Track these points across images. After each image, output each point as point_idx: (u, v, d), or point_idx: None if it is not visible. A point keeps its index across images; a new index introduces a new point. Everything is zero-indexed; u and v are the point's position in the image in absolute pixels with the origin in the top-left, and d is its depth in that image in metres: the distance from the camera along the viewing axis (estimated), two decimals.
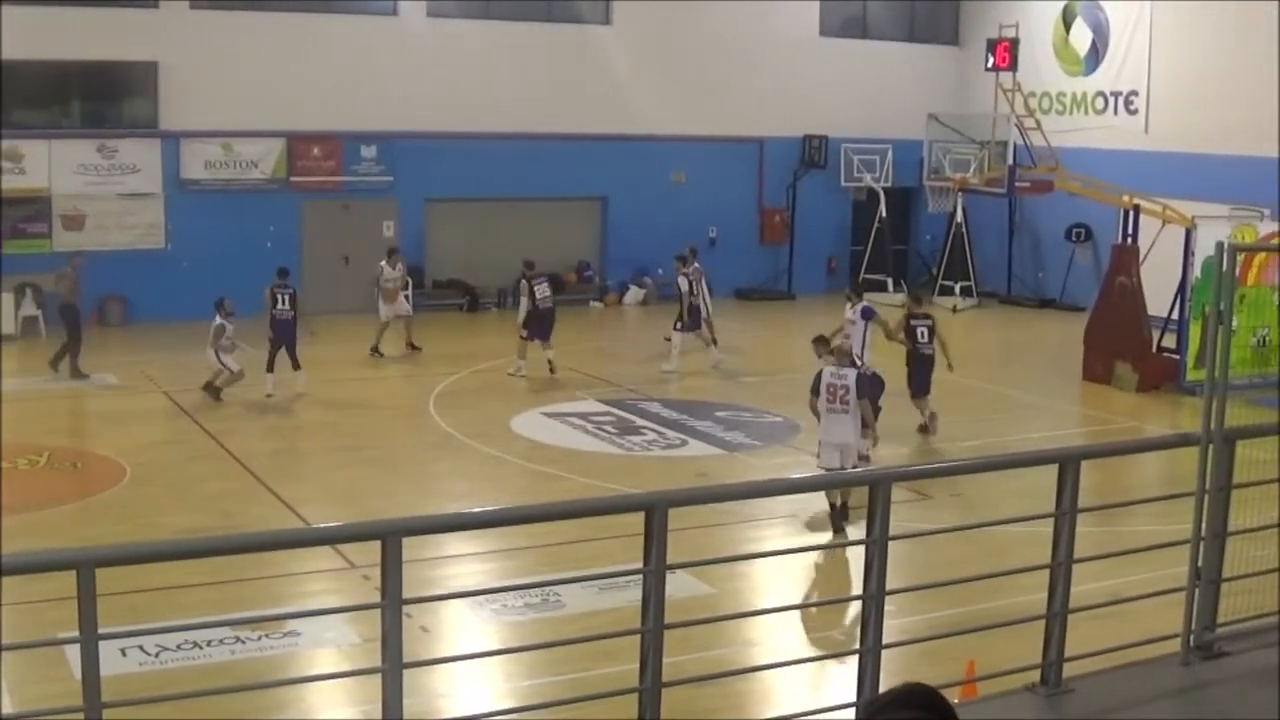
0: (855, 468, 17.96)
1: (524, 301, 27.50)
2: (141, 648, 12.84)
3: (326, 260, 33.71)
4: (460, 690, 12.24)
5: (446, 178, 34.47)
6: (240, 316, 23.99)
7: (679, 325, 27.91)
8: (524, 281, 27.58)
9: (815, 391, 17.90)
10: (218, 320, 24.19)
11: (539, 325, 27.08)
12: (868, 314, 23.85)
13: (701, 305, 28.48)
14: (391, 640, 7.21)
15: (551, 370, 26.77)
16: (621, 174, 36.71)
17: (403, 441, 22.43)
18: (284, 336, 25.29)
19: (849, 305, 24.36)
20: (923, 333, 23.28)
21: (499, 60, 34.92)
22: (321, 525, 16.15)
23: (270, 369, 25.03)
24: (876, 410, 19.69)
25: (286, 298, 25.54)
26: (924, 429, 22.90)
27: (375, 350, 28.65)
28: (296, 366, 25.21)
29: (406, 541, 7.25)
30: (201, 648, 13.20)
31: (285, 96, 32.74)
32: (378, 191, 34.45)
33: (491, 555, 16.10)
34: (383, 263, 29.52)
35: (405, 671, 7.28)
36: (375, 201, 34.44)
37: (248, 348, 24.65)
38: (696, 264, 28.99)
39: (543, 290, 27.31)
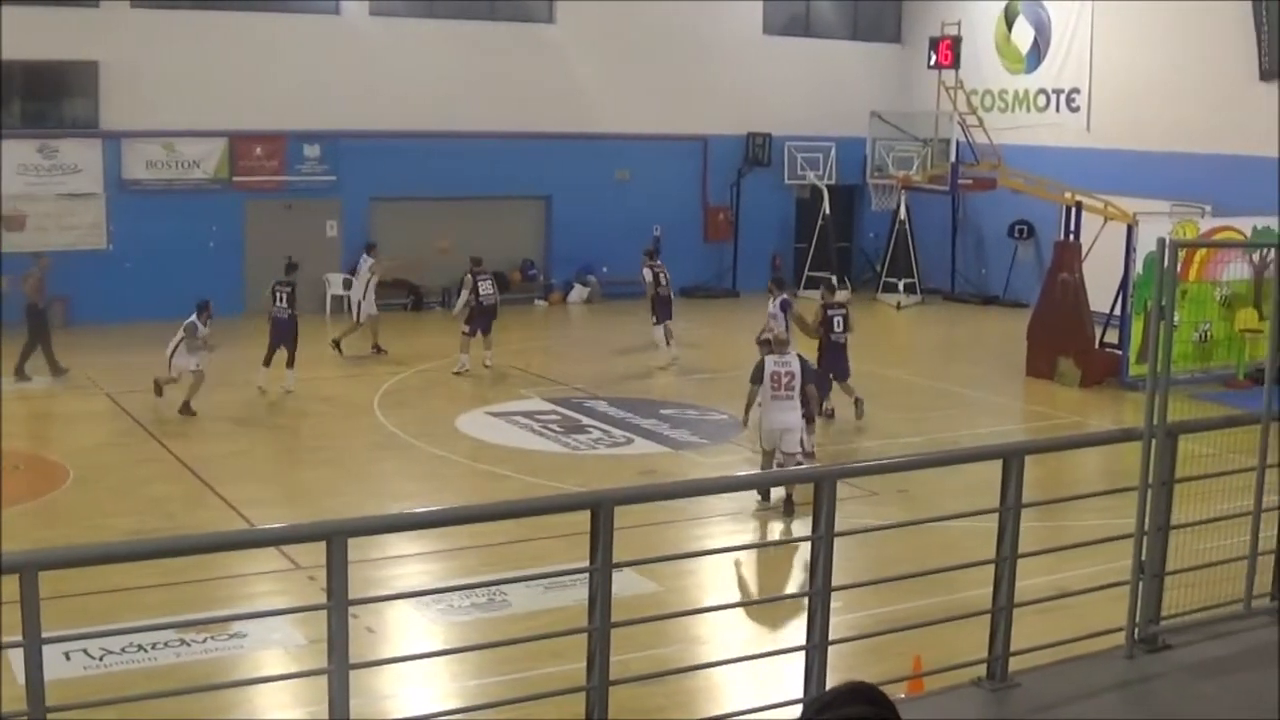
0: (798, 461, 18.13)
1: (464, 295, 27.53)
2: (86, 651, 12.76)
3: (270, 260, 33.40)
4: (407, 691, 12.21)
5: (390, 177, 34.37)
6: (190, 316, 23.70)
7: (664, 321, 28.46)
8: (468, 275, 27.56)
9: (757, 380, 18.32)
10: (192, 318, 23.42)
11: (482, 320, 27.08)
12: (785, 306, 24.45)
13: (670, 296, 28.82)
14: (337, 641, 7.19)
15: (485, 366, 26.84)
16: (566, 172, 36.68)
17: (347, 442, 22.33)
18: (283, 335, 25.23)
19: (770, 299, 24.85)
20: (838, 322, 23.70)
21: (442, 59, 34.84)
22: (266, 526, 16.06)
23: (267, 364, 25.05)
24: (822, 409, 19.98)
25: (285, 295, 25.52)
26: (856, 409, 23.67)
27: (339, 347, 28.54)
28: (290, 364, 25.13)
29: (352, 542, 7.23)
30: (147, 650, 13.13)
31: (228, 96, 32.54)
32: (321, 191, 34.31)
33: (437, 555, 16.07)
34: (368, 256, 29.54)
35: (352, 672, 7.26)
36: (319, 201, 34.30)
37: (211, 352, 23.96)
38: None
39: (486, 287, 27.30)
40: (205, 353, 23.46)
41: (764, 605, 15.33)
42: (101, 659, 12.83)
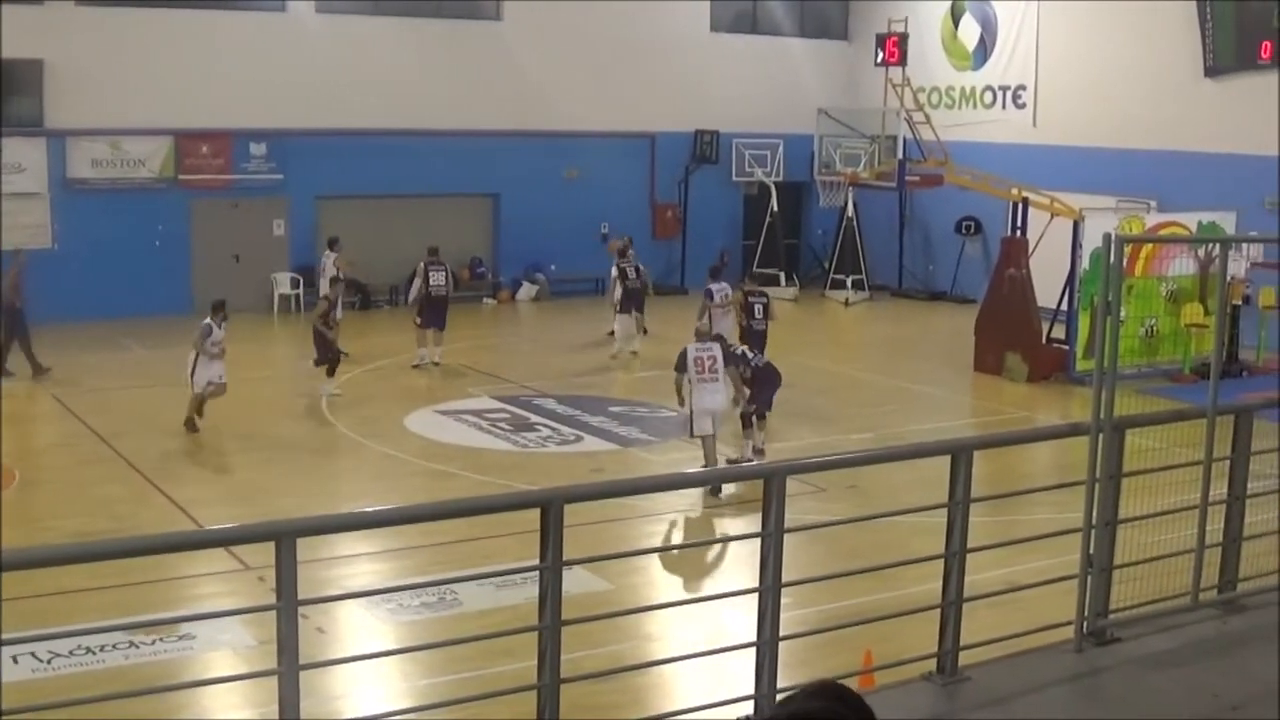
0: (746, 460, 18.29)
1: (416, 284, 27.58)
2: (34, 654, 12.67)
3: (216, 259, 33.39)
4: (358, 691, 12.17)
5: (337, 175, 34.25)
6: (136, 315, 23.44)
7: (632, 311, 29.15)
8: (421, 264, 27.61)
9: (681, 368, 19.19)
10: (206, 321, 22.45)
11: (432, 313, 27.11)
12: (707, 295, 26.18)
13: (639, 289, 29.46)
14: (287, 642, 7.15)
15: (435, 363, 26.86)
16: (514, 170, 36.64)
17: (296, 441, 22.23)
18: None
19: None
20: (758, 309, 24.49)
21: (389, 56, 34.73)
22: (215, 527, 15.97)
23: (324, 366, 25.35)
24: (770, 404, 20.18)
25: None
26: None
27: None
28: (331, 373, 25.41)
29: (301, 542, 7.19)
30: (95, 653, 13.05)
31: (173, 94, 32.34)
32: (268, 189, 34.14)
33: (387, 555, 16.02)
34: (331, 251, 29.50)
35: (302, 673, 7.22)
36: (265, 199, 34.16)
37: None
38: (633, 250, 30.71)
39: (438, 277, 27.37)
40: (222, 361, 22.53)
41: (715, 601, 15.33)
42: (50, 661, 12.74)
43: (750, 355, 21.24)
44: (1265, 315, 27.95)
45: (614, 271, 29.67)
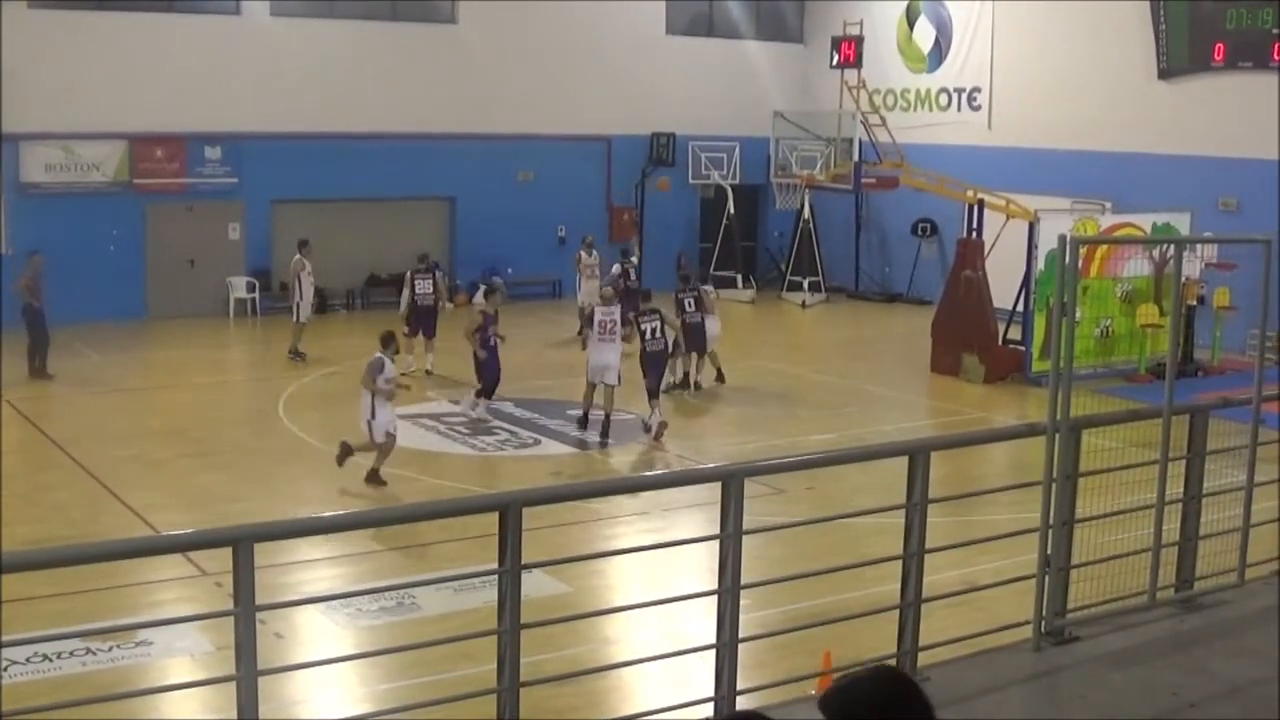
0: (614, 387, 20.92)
1: (405, 294, 27.81)
2: None
3: (171, 263, 33.26)
4: (317, 696, 12.13)
5: (293, 179, 34.13)
6: (90, 320, 23.25)
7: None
8: (408, 273, 27.77)
9: (588, 325, 23.52)
10: (378, 356, 19.83)
11: (420, 321, 27.49)
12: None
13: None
14: (245, 647, 7.12)
15: (428, 371, 26.83)
16: (469, 173, 36.60)
17: (252, 446, 22.14)
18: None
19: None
20: (688, 303, 25.60)
21: (344, 59, 34.66)
22: (171, 533, 15.89)
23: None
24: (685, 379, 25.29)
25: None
26: (697, 385, 26.04)
27: (298, 353, 28.33)
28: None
29: (258, 547, 7.16)
30: (51, 660, 12.95)
31: (127, 98, 32.18)
32: (223, 193, 34.00)
33: (345, 559, 15.96)
34: (299, 256, 29.10)
35: (260, 679, 7.18)
36: (220, 203, 34.01)
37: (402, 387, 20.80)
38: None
39: (424, 286, 27.61)
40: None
41: (674, 603, 15.33)
42: (5, 670, 12.63)
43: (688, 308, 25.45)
44: (1220, 315, 28.13)
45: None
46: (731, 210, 39.21)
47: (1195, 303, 27.35)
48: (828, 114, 38.19)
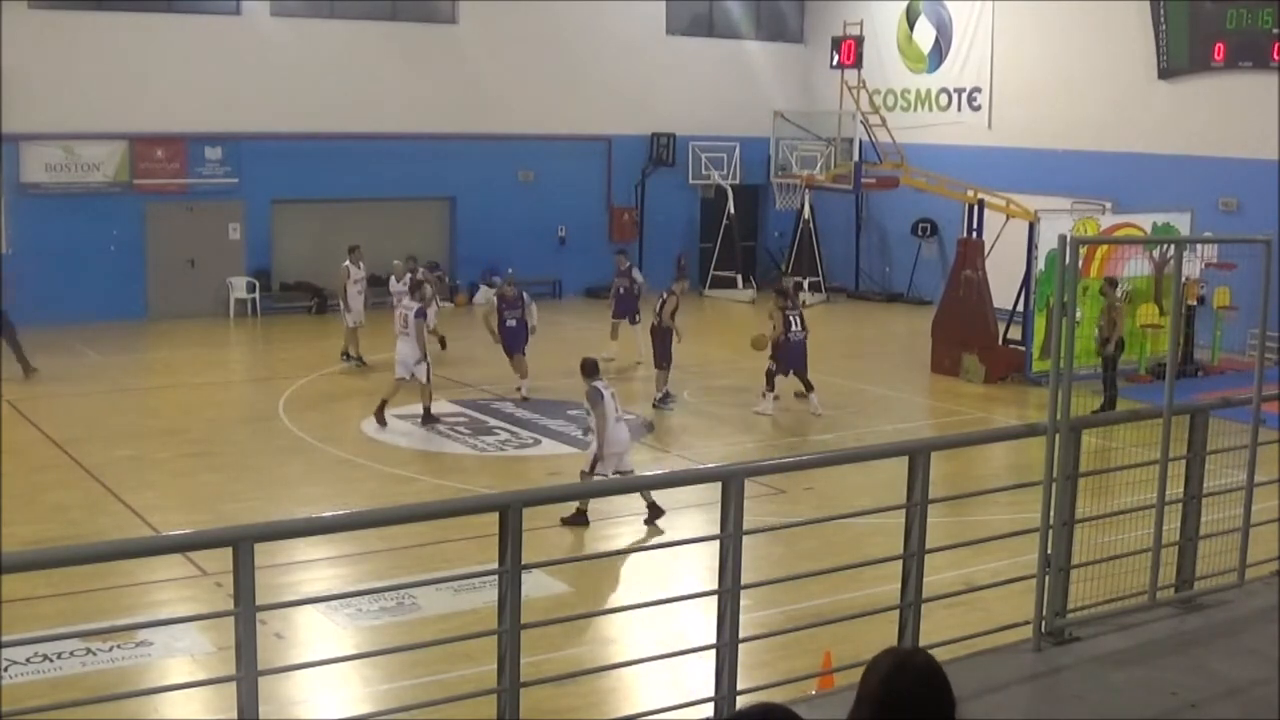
0: None
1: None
2: None
3: (171, 264, 33.27)
4: (317, 696, 12.12)
5: (293, 179, 34.14)
6: (91, 320, 23.23)
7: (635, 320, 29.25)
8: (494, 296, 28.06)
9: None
10: (595, 385, 17.88)
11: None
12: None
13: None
14: (245, 648, 7.11)
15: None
16: (470, 173, 36.61)
17: (252, 446, 22.13)
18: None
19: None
20: (794, 321, 24.59)
21: (345, 60, 34.66)
22: (171, 533, 15.89)
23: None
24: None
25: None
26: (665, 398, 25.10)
27: (356, 358, 28.09)
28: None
29: (259, 547, 7.15)
30: (51, 660, 12.93)
31: (128, 98, 32.20)
32: (223, 193, 34.00)
33: (345, 559, 15.95)
34: (346, 263, 28.86)
35: (261, 679, 7.18)
36: (221, 203, 34.01)
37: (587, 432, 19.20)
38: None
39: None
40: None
41: (675, 604, 15.34)
42: (5, 670, 12.63)
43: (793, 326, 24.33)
44: (1220, 315, 28.13)
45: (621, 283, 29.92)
46: (731, 210, 39.20)
47: (1195, 303, 27.35)
48: (828, 114, 38.18)
